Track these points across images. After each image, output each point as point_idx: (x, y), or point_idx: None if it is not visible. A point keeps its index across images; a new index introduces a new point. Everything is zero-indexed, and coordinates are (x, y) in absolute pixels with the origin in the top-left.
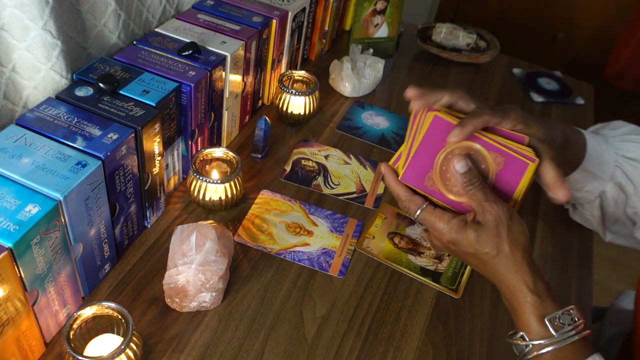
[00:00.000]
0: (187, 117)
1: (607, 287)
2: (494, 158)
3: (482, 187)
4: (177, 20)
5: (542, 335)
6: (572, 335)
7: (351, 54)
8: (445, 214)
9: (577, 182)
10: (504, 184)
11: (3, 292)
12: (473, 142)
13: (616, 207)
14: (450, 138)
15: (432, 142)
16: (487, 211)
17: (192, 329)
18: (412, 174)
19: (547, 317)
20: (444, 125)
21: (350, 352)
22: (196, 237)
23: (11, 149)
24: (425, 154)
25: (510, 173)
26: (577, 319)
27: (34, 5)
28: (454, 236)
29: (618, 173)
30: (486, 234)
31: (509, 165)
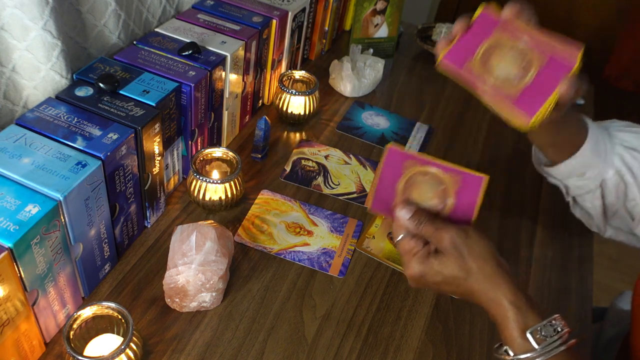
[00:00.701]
0: (187, 117)
1: (607, 287)
2: (450, 177)
3: (430, 221)
4: (177, 20)
5: (525, 349)
6: (557, 347)
7: (351, 54)
8: (415, 247)
9: (578, 167)
10: (465, 199)
11: (3, 292)
12: (429, 167)
13: (617, 197)
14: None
15: (390, 172)
16: (441, 239)
17: (192, 329)
18: (379, 204)
19: (529, 330)
20: (399, 155)
21: (350, 352)
22: (196, 237)
23: (11, 149)
24: (386, 183)
25: (469, 189)
26: (561, 328)
27: (34, 5)
28: (420, 268)
29: (617, 161)
30: (448, 259)
31: (465, 182)
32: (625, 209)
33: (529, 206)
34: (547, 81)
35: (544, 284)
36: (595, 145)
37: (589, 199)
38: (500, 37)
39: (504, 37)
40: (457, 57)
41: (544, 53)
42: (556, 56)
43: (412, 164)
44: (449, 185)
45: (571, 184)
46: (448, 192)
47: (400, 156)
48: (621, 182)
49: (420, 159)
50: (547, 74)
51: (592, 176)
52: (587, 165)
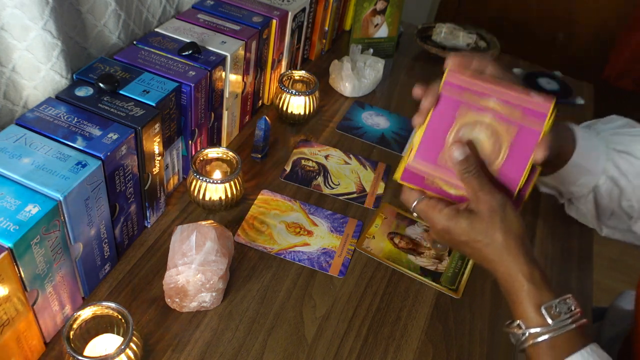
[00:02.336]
0: (187, 117)
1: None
2: (505, 129)
3: (478, 176)
4: (177, 20)
5: (538, 323)
6: (568, 324)
7: (351, 54)
8: (438, 203)
9: (569, 176)
10: (517, 153)
11: (3, 292)
12: (484, 114)
13: (610, 200)
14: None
15: (440, 120)
16: (481, 201)
17: (192, 329)
18: (424, 154)
19: (544, 306)
20: (451, 102)
21: (350, 352)
22: (196, 237)
23: (11, 149)
24: (435, 133)
25: (524, 141)
26: (574, 307)
27: (34, 5)
28: (446, 224)
29: (610, 166)
30: (479, 222)
31: (521, 134)
32: (621, 209)
33: (528, 207)
34: (520, 155)
35: None
36: (584, 155)
37: (582, 203)
38: (465, 119)
39: (469, 117)
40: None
41: (512, 125)
42: (524, 126)
43: (466, 111)
44: (502, 136)
45: (563, 190)
46: (501, 144)
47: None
48: (615, 187)
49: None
50: (519, 146)
51: (584, 183)
52: (577, 174)
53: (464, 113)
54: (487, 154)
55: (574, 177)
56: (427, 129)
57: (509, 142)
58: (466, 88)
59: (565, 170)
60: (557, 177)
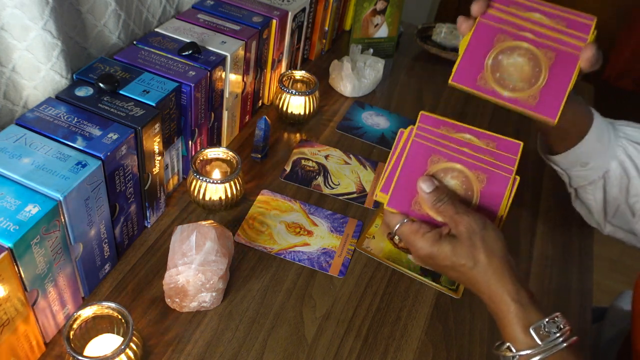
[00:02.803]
0: (187, 117)
1: (607, 287)
2: (476, 176)
3: (451, 202)
4: (177, 20)
5: (528, 345)
6: (559, 343)
7: (351, 54)
8: (421, 228)
9: (581, 156)
10: (489, 199)
11: (3, 292)
12: (454, 163)
13: (619, 190)
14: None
15: (412, 166)
16: (459, 223)
17: (192, 329)
18: (397, 200)
19: (532, 327)
20: (423, 149)
21: (350, 352)
22: (196, 237)
23: (11, 149)
24: (407, 179)
25: (494, 187)
26: (563, 325)
27: (34, 5)
28: (429, 250)
29: (621, 153)
30: (460, 245)
31: (491, 180)
32: (626, 204)
33: (528, 207)
34: (560, 78)
35: (543, 284)
36: (599, 134)
37: (591, 191)
38: (503, 45)
39: (507, 43)
40: (467, 75)
41: (550, 51)
42: (562, 51)
43: (438, 159)
44: (474, 183)
45: (574, 174)
46: (472, 192)
47: (425, 148)
48: (624, 175)
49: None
50: (558, 70)
51: (596, 166)
52: (590, 154)
53: (435, 161)
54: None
55: (586, 158)
56: (399, 173)
57: (480, 188)
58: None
59: (579, 149)
60: (570, 157)
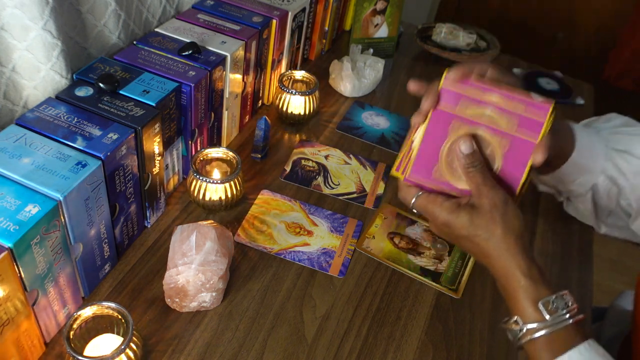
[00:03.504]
0: (187, 117)
1: (607, 287)
2: (498, 141)
3: (483, 171)
4: (177, 20)
5: (535, 319)
6: (566, 319)
7: (351, 54)
8: (438, 197)
9: (567, 175)
10: (512, 165)
11: (3, 292)
12: (476, 127)
13: (609, 200)
14: (449, 74)
15: (434, 135)
16: (484, 195)
17: (192, 329)
18: (419, 169)
19: (541, 301)
20: (445, 117)
21: (350, 352)
22: (196, 237)
23: (11, 149)
24: (429, 147)
25: (517, 153)
26: (571, 303)
27: (34, 5)
28: (447, 218)
29: (609, 166)
30: (480, 217)
31: (514, 146)
32: (619, 207)
33: (528, 207)
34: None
35: None
36: (584, 153)
37: (581, 202)
38: (458, 133)
39: (462, 130)
40: (423, 169)
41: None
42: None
43: (459, 126)
44: (496, 149)
45: (561, 188)
46: (494, 156)
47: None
48: (613, 185)
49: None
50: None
51: (582, 182)
52: (576, 172)
53: (457, 127)
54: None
55: (572, 176)
56: (422, 144)
57: (502, 154)
58: (462, 95)
59: (564, 169)
60: (556, 176)
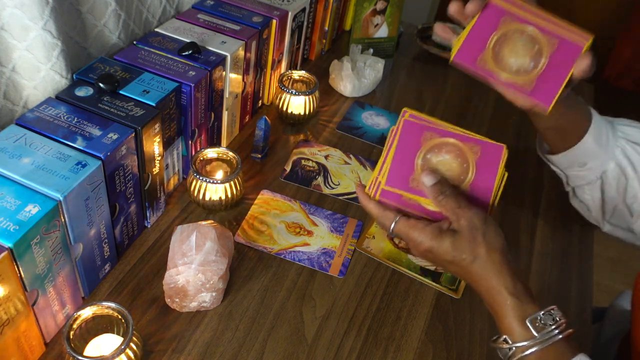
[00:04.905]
0: (187, 117)
1: (607, 287)
2: (470, 148)
3: (453, 195)
4: (177, 20)
5: (524, 337)
6: (554, 335)
7: (351, 54)
8: (418, 222)
9: (580, 156)
10: (484, 171)
11: (3, 292)
12: (447, 138)
13: (617, 191)
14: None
15: (407, 145)
16: (461, 217)
17: (192, 329)
18: (394, 178)
19: (529, 318)
20: (416, 127)
21: (350, 352)
22: (196, 237)
23: (11, 149)
24: (403, 157)
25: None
26: (559, 318)
27: (34, 5)
28: (430, 244)
29: (620, 154)
30: (462, 239)
31: (485, 152)
32: (624, 204)
33: (528, 207)
34: (559, 66)
35: (543, 284)
36: (598, 135)
37: (589, 191)
38: (508, 27)
39: (512, 26)
40: (469, 54)
41: (553, 38)
42: (566, 40)
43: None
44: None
45: (572, 174)
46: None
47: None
48: (622, 175)
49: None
50: (559, 58)
51: (593, 167)
52: (588, 155)
53: (428, 137)
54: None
55: (584, 158)
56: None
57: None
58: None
59: (577, 150)
60: (568, 157)
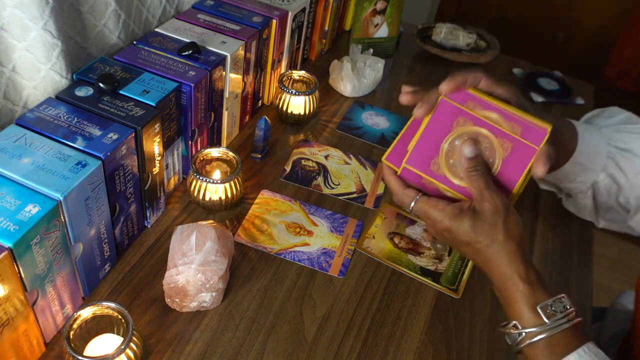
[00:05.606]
0: (187, 117)
1: (607, 287)
2: (501, 143)
3: (485, 175)
4: (177, 20)
5: (534, 323)
6: (564, 323)
7: (351, 54)
8: (439, 202)
9: (569, 174)
10: (510, 169)
11: (3, 292)
12: (481, 128)
13: (608, 197)
14: (440, 87)
15: (438, 126)
16: (486, 200)
17: (192, 329)
18: (417, 158)
19: (539, 305)
20: (450, 109)
21: (350, 352)
22: (196, 237)
23: (11, 149)
24: (431, 138)
25: (518, 158)
26: (569, 306)
27: (34, 5)
28: (449, 224)
29: (610, 164)
30: (482, 222)
31: (516, 150)
32: (618, 204)
33: (528, 207)
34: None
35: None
36: (586, 152)
37: (581, 198)
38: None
39: (466, 127)
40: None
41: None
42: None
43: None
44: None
45: (562, 186)
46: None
47: (453, 110)
48: (614, 183)
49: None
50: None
51: (583, 180)
52: (577, 172)
53: (462, 123)
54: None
55: (573, 175)
56: (423, 133)
57: (503, 156)
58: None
59: (566, 168)
60: (557, 175)
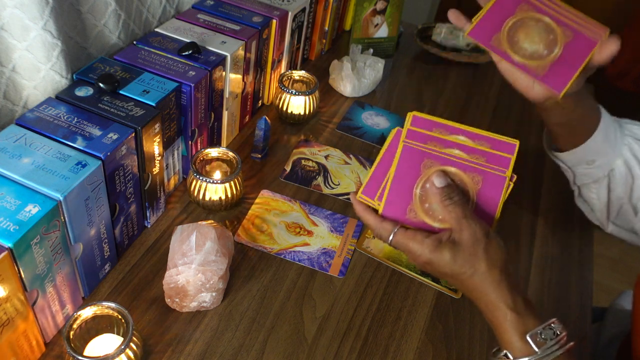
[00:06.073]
0: (187, 117)
1: (607, 287)
2: (471, 178)
3: (462, 203)
4: (177, 20)
5: (525, 352)
6: (556, 350)
7: (351, 54)
8: (417, 234)
9: (588, 154)
10: (485, 201)
11: (3, 292)
12: (448, 167)
13: (624, 189)
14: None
15: (406, 172)
16: (464, 228)
17: (192, 329)
18: (392, 208)
19: (529, 334)
20: (415, 154)
21: (350, 352)
22: (196, 237)
23: (11, 149)
24: (401, 185)
25: (490, 189)
26: (560, 331)
27: (34, 5)
28: (429, 256)
29: (627, 152)
30: (462, 253)
31: (487, 182)
32: (630, 203)
33: (528, 207)
34: (574, 56)
35: (543, 284)
36: (607, 132)
37: (595, 190)
38: (524, 14)
39: (529, 13)
40: (484, 32)
41: (568, 30)
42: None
43: (431, 164)
44: (469, 186)
45: (579, 171)
46: (468, 194)
47: (417, 154)
48: (629, 174)
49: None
50: (573, 49)
51: (602, 164)
52: (597, 152)
53: (429, 165)
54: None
55: (592, 156)
56: (392, 182)
57: (475, 190)
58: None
59: (587, 146)
60: (577, 154)
